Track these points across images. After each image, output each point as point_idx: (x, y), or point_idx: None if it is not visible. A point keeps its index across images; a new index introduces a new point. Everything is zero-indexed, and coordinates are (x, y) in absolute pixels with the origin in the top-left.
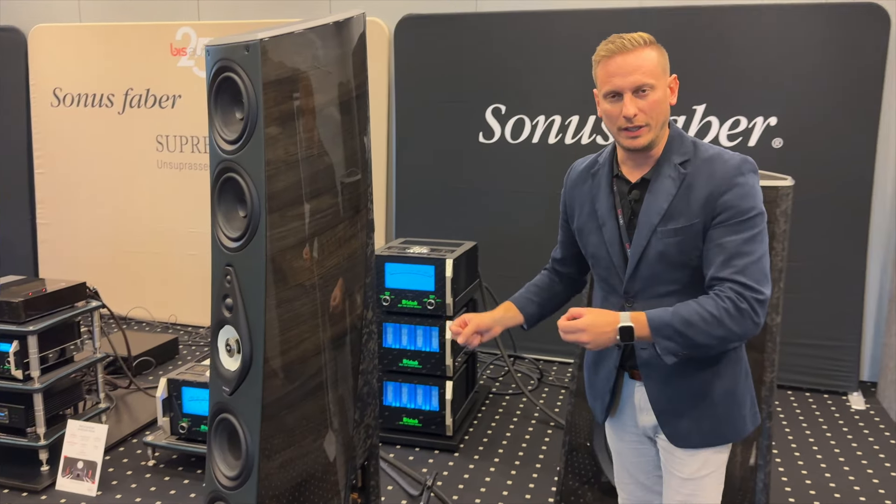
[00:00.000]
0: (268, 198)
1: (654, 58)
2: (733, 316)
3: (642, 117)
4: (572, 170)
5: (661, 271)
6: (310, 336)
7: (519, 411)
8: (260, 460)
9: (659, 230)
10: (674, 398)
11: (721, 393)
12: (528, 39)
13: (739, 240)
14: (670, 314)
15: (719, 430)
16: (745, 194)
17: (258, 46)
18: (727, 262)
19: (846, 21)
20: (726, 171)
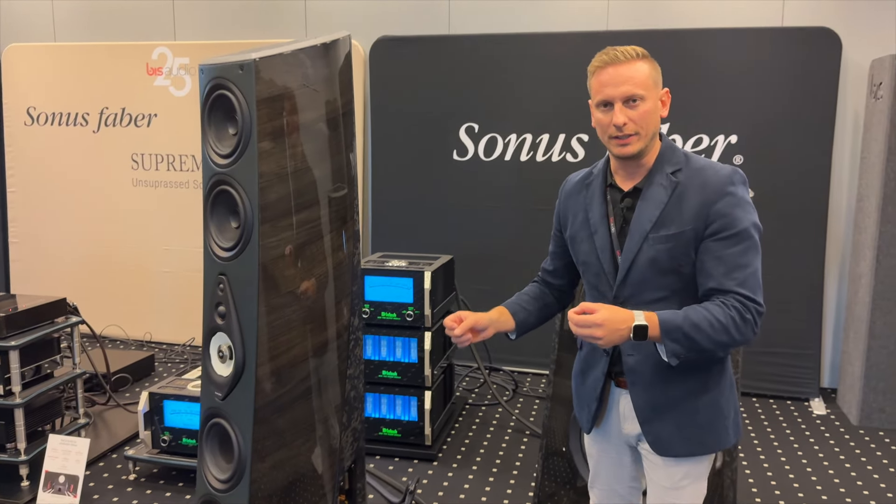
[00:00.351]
0: (261, 209)
1: (645, 70)
2: (738, 325)
3: (632, 126)
4: (567, 182)
5: (651, 277)
6: (300, 342)
7: (495, 421)
8: (252, 462)
9: (651, 237)
10: (658, 406)
11: (705, 402)
12: (499, 61)
13: (737, 252)
14: (681, 317)
15: (702, 439)
16: (737, 204)
17: (252, 66)
18: (728, 275)
19: (800, 44)
20: (718, 181)
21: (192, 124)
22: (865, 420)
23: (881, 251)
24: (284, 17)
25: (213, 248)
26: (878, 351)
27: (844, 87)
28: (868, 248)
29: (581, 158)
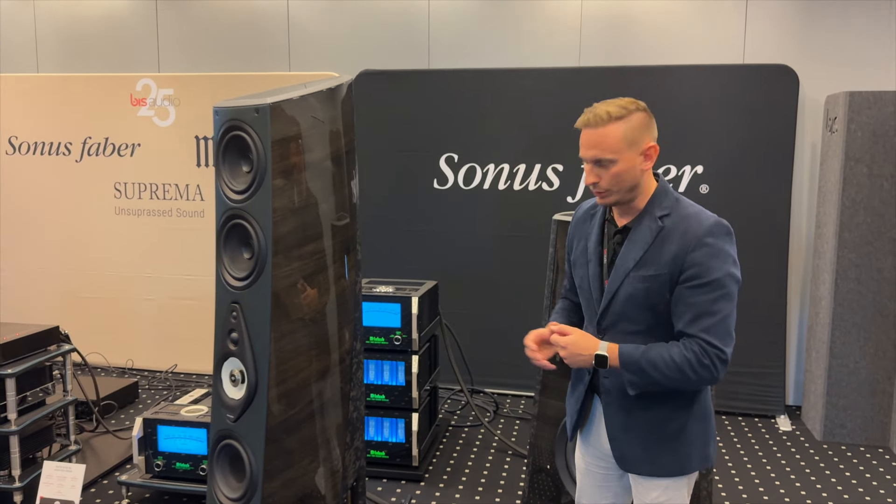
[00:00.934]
0: (274, 241)
1: (616, 133)
2: (695, 368)
3: (603, 184)
4: (578, 210)
5: (628, 311)
6: (307, 366)
7: (478, 441)
8: (263, 481)
9: (632, 275)
10: (627, 427)
11: (670, 430)
12: (477, 94)
13: (707, 300)
14: (640, 353)
15: (663, 462)
16: (713, 255)
17: (267, 109)
18: (695, 321)
19: (760, 80)
20: (698, 231)
21: (175, 154)
22: (829, 435)
23: (839, 275)
24: (268, 51)
25: (227, 277)
26: (838, 370)
27: (802, 120)
28: (827, 273)
29: (556, 187)
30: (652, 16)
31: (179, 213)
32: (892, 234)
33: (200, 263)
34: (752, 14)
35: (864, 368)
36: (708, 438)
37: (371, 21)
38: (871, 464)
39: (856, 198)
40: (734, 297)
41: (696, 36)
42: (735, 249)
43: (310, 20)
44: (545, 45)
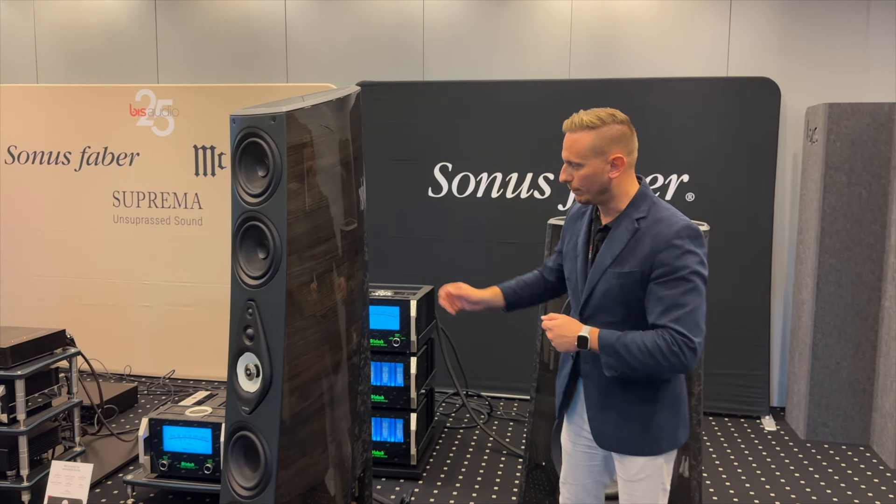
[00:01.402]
0: (288, 242)
1: (585, 141)
2: (665, 354)
3: (574, 184)
4: (573, 206)
5: (606, 304)
6: (319, 360)
7: (473, 442)
8: (277, 470)
9: (608, 271)
10: (603, 407)
11: (640, 413)
12: (470, 105)
13: (675, 293)
14: (616, 337)
15: (634, 441)
16: (680, 255)
17: (283, 117)
18: (665, 313)
19: (744, 92)
20: (668, 234)
21: (174, 163)
22: (812, 434)
23: (820, 279)
24: (266, 62)
25: (242, 276)
26: (820, 371)
27: (784, 131)
28: (809, 277)
29: (547, 195)
30: (639, 30)
31: (178, 221)
32: (870, 240)
33: (198, 271)
34: (736, 28)
35: (845, 369)
36: (678, 424)
37: (367, 34)
38: (852, 461)
39: (835, 205)
40: (702, 292)
41: (682, 49)
42: (703, 251)
43: (307, 32)
44: (536, 58)
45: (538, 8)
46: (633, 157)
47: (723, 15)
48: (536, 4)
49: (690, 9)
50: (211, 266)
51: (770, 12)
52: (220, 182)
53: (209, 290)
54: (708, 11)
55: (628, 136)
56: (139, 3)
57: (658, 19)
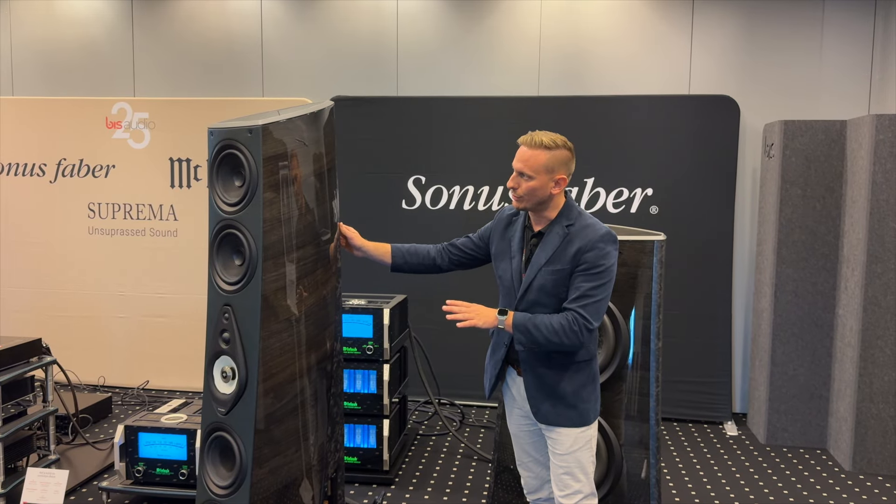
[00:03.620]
0: (264, 248)
1: (541, 158)
2: (566, 332)
3: (519, 192)
4: (503, 210)
5: (540, 297)
6: (293, 363)
7: (445, 448)
8: (253, 468)
9: (543, 269)
10: (538, 387)
11: (569, 390)
12: (443, 120)
13: (588, 286)
14: (528, 317)
15: (568, 415)
16: (601, 255)
17: (260, 130)
18: (576, 299)
19: (705, 110)
20: (592, 237)
21: (150, 175)
22: (772, 439)
23: (778, 289)
24: (242, 77)
25: (218, 282)
26: (779, 377)
27: (743, 146)
28: (767, 286)
29: None
30: (605, 50)
31: (153, 232)
32: (824, 251)
33: (173, 282)
34: (697, 49)
35: (803, 375)
36: (597, 397)
37: (342, 49)
38: (809, 464)
39: (791, 217)
40: (609, 285)
41: (647, 68)
42: (616, 252)
43: (283, 47)
44: (507, 76)
45: (508, 27)
46: (568, 179)
47: (685, 36)
48: (507, 24)
49: (654, 30)
50: (186, 277)
51: (730, 34)
52: (195, 194)
53: (184, 301)
54: (671, 32)
55: (572, 161)
56: (116, 17)
57: (623, 40)
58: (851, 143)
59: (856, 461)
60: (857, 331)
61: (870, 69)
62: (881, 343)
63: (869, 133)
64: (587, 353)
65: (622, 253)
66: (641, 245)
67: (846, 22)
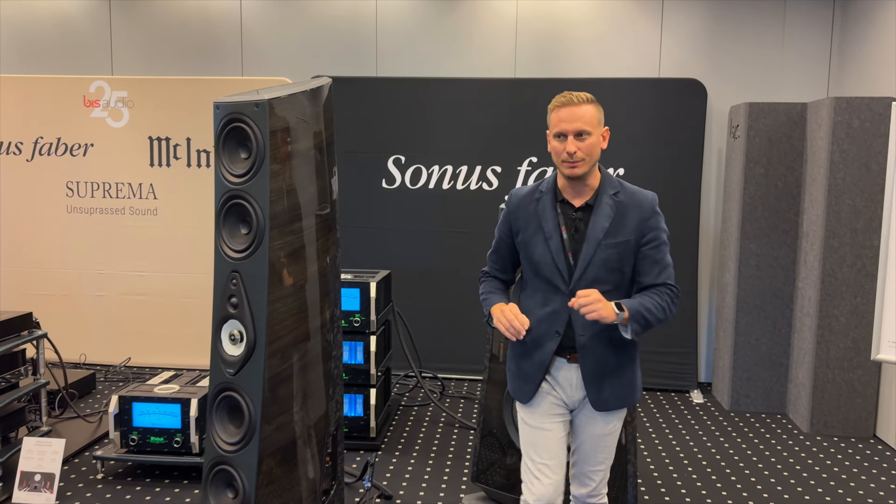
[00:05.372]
0: (271, 217)
1: (592, 111)
2: (671, 307)
3: (580, 154)
4: (513, 196)
5: (602, 275)
6: (297, 326)
7: (427, 417)
8: (261, 424)
9: (603, 243)
10: (601, 373)
11: (627, 370)
12: (421, 101)
13: (662, 255)
14: (639, 304)
15: (624, 396)
16: (660, 220)
17: (266, 104)
18: (661, 273)
19: (674, 92)
20: (648, 203)
21: (129, 154)
22: (735, 405)
23: (742, 263)
24: (221, 56)
25: (226, 250)
26: (742, 346)
27: (710, 128)
28: (731, 261)
29: (495, 187)
30: (579, 34)
31: (132, 211)
32: (785, 227)
33: (153, 260)
34: (667, 33)
35: (765, 345)
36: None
37: (322, 30)
38: (770, 427)
39: (755, 195)
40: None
41: (619, 52)
42: None
43: (262, 27)
44: (484, 58)
45: (486, 10)
46: None
47: (655, 21)
48: (484, 6)
49: (626, 15)
50: (166, 255)
51: (698, 19)
52: (175, 173)
53: (164, 279)
54: (642, 17)
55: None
56: None
57: (596, 24)
58: (811, 125)
59: (813, 424)
60: (815, 301)
61: (828, 54)
62: (837, 312)
63: (827, 115)
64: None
65: None
66: None
67: (807, 9)
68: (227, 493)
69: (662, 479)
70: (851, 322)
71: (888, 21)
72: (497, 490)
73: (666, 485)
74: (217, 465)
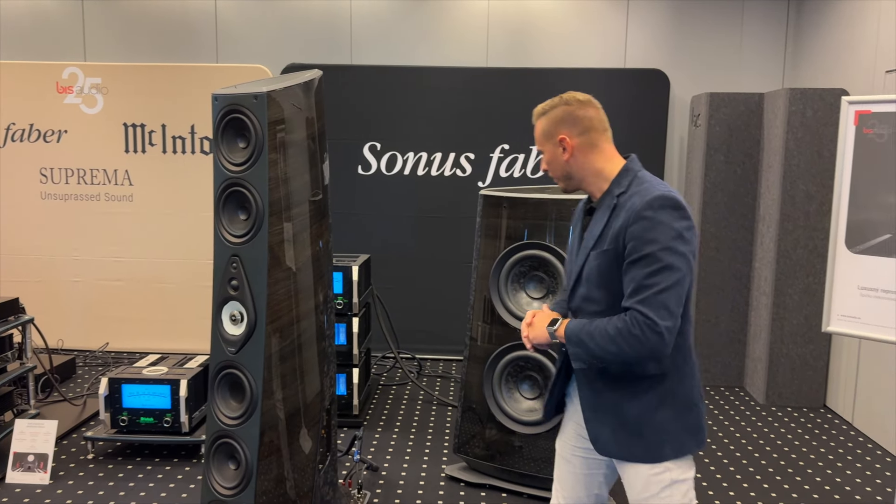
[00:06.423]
0: (270, 204)
1: (539, 128)
2: (625, 337)
3: (549, 171)
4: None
5: (589, 291)
6: (295, 307)
7: (406, 396)
8: (262, 399)
9: (592, 253)
10: (595, 407)
11: (634, 414)
12: (396, 89)
13: (643, 273)
14: (580, 325)
15: (631, 446)
16: (650, 228)
17: (265, 96)
18: (633, 293)
19: (639, 82)
20: (639, 205)
21: (103, 140)
22: None
23: (703, 245)
24: (196, 43)
25: (225, 235)
26: (703, 324)
27: (672, 117)
28: None
29: (469, 173)
30: (549, 24)
31: (108, 197)
32: (743, 211)
33: (129, 246)
34: (632, 25)
35: (724, 322)
36: (684, 426)
37: (297, 17)
38: (729, 400)
39: (715, 181)
40: (676, 268)
41: (587, 43)
42: (682, 223)
43: (237, 14)
44: (457, 47)
45: (458, 1)
46: (586, 136)
47: (621, 13)
48: None
49: (594, 8)
50: (142, 241)
51: (662, 11)
52: (150, 159)
53: (140, 264)
54: (608, 9)
55: (574, 115)
56: None
57: (566, 15)
58: (768, 114)
59: (769, 395)
60: (770, 280)
61: (784, 48)
62: (791, 291)
63: (783, 105)
64: (657, 365)
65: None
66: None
67: (764, 6)
68: (228, 465)
69: None
70: (804, 300)
71: (839, 18)
72: (477, 460)
73: None
74: (219, 438)
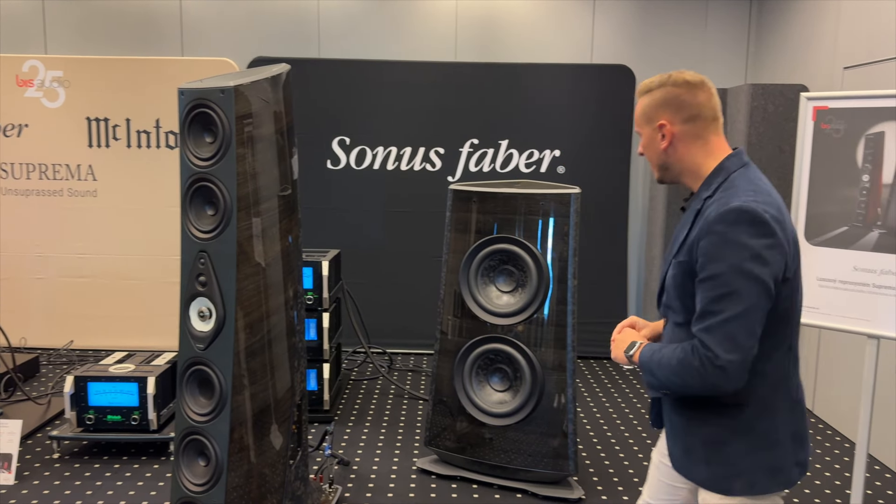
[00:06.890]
0: (238, 199)
1: (639, 108)
2: (687, 370)
3: (645, 155)
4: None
5: (669, 299)
6: (264, 302)
7: (377, 390)
8: (232, 395)
9: (673, 260)
10: (673, 425)
11: (701, 441)
12: (364, 83)
13: (709, 297)
14: (651, 352)
15: (699, 472)
16: (720, 243)
17: (232, 90)
18: (699, 318)
19: (604, 77)
20: (713, 216)
21: (66, 135)
22: None
23: (667, 238)
24: (160, 36)
25: (193, 230)
26: None
27: None
28: (657, 236)
29: (438, 168)
30: (517, 19)
31: (71, 192)
32: None
33: (93, 242)
34: (599, 21)
35: None
36: (760, 464)
37: (264, 10)
38: None
39: None
40: (745, 295)
41: (554, 38)
42: (761, 240)
43: (203, 6)
44: (425, 41)
45: None
46: (692, 125)
47: (587, 9)
48: None
49: (560, 3)
50: (107, 237)
51: (628, 8)
52: (114, 154)
53: (105, 261)
54: (575, 7)
55: (681, 99)
56: None
57: (534, 11)
58: (731, 109)
59: None
60: None
61: (746, 45)
62: None
63: (745, 100)
64: (734, 395)
65: (542, 202)
66: (560, 197)
67: (727, 3)
68: (198, 462)
69: (598, 438)
70: None
71: (800, 16)
72: (448, 452)
73: (602, 442)
74: (189, 434)
